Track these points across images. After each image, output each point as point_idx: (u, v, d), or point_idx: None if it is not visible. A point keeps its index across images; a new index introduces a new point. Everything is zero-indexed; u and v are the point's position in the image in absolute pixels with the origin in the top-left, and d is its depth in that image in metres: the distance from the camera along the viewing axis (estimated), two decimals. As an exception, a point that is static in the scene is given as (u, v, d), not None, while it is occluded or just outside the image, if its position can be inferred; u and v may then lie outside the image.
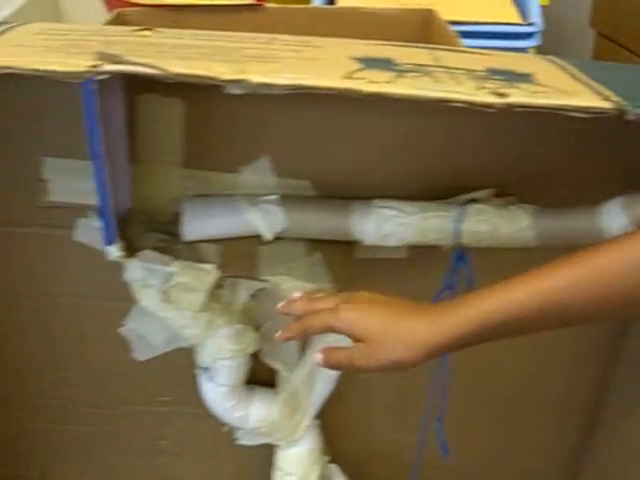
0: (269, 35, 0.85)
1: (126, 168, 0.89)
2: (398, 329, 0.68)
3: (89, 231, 0.96)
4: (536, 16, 1.60)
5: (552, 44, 1.69)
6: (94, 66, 0.65)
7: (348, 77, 0.69)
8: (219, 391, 0.99)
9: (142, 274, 0.87)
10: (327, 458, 1.11)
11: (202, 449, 1.17)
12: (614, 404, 1.12)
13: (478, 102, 0.66)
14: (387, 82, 0.69)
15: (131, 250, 0.87)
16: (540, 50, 1.61)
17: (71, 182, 0.93)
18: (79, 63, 0.65)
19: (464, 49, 1.01)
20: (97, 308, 1.03)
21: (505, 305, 0.65)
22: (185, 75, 0.65)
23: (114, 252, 0.82)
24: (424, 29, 1.43)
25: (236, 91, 0.66)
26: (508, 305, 0.65)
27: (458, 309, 0.67)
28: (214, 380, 0.98)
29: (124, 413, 1.13)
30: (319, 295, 0.77)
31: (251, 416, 1.02)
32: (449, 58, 0.83)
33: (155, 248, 0.90)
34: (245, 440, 1.10)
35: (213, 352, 0.96)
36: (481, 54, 0.88)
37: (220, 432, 1.12)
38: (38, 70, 0.65)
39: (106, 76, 0.65)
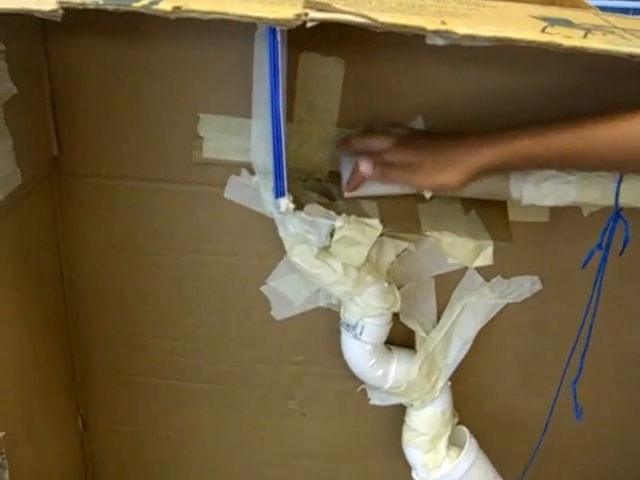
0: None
1: (285, 126, 0.91)
2: (447, 152, 0.81)
3: (240, 189, 0.98)
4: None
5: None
6: (303, 14, 0.66)
7: (543, 32, 0.70)
8: (363, 349, 1.01)
9: (304, 229, 0.89)
10: (456, 419, 1.12)
11: (329, 410, 1.19)
12: None
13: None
14: (581, 38, 0.69)
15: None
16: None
17: (226, 139, 0.95)
18: (287, 11, 0.67)
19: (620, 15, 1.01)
20: (239, 267, 1.05)
21: (533, 144, 0.77)
22: (393, 25, 0.66)
23: (284, 204, 0.84)
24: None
25: (439, 42, 0.67)
26: (536, 144, 0.77)
27: (493, 140, 0.78)
28: (359, 338, 1.00)
29: (257, 372, 1.15)
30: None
31: (390, 375, 1.04)
32: (617, 21, 0.83)
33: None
34: (377, 400, 1.12)
35: (361, 309, 0.97)
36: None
37: (347, 394, 1.14)
38: (247, 16, 0.66)
39: (314, 23, 0.66)
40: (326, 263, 0.94)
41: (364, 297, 0.97)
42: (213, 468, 1.28)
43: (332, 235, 0.89)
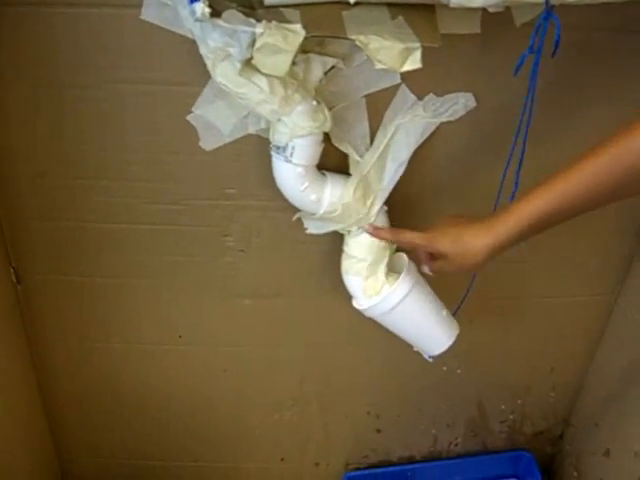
0: None
1: None
2: (465, 246, 0.92)
3: (158, 9, 0.93)
4: None
5: None
6: None
7: None
8: (295, 172, 0.98)
9: (224, 41, 0.85)
10: (395, 246, 1.11)
11: (266, 246, 1.17)
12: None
13: None
14: None
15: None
16: None
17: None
18: None
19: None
20: (163, 95, 1.01)
21: (537, 211, 0.86)
22: None
23: (200, 9, 0.79)
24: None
25: None
26: (540, 210, 0.86)
27: (504, 219, 0.89)
28: (290, 160, 0.97)
29: (190, 209, 1.12)
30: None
31: (325, 200, 1.02)
32: None
33: (235, 14, 0.87)
34: (314, 229, 1.10)
35: (290, 130, 0.95)
36: None
37: (284, 227, 1.12)
38: None
39: None
40: (251, 81, 0.90)
41: (292, 117, 0.94)
42: (150, 310, 1.27)
43: (253, 45, 0.85)
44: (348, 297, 1.13)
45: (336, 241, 1.11)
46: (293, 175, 0.99)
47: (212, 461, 1.57)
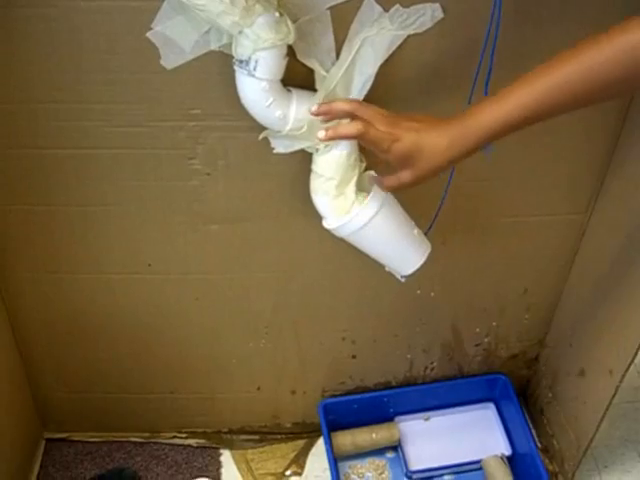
0: None
1: None
2: (427, 151, 0.90)
3: None
4: None
5: None
6: None
7: None
8: (259, 86, 0.96)
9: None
10: (363, 165, 1.09)
11: (233, 168, 1.15)
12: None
13: None
14: None
15: None
16: None
17: None
18: None
19: None
20: (122, 10, 0.97)
21: (503, 114, 0.85)
22: None
23: None
24: None
25: None
26: (506, 114, 0.84)
27: (469, 122, 0.87)
28: (253, 74, 0.95)
29: (155, 131, 1.10)
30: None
31: (290, 116, 1.00)
32: None
33: None
34: (281, 148, 1.08)
35: (252, 42, 0.92)
36: None
37: (250, 148, 1.10)
38: None
39: None
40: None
41: (254, 28, 0.91)
42: (117, 239, 1.25)
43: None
44: (319, 219, 1.11)
45: (305, 160, 1.09)
46: (257, 90, 0.96)
47: (189, 392, 1.57)
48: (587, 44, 0.80)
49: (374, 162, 1.08)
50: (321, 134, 0.93)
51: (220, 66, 1.01)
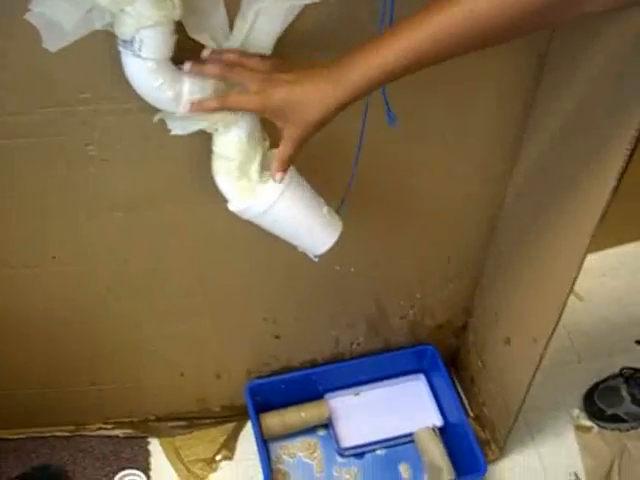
0: None
1: None
2: (300, 104, 0.86)
3: None
4: None
5: None
6: None
7: None
8: (145, 67, 0.91)
9: None
10: (267, 143, 1.05)
11: (131, 152, 1.10)
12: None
13: None
14: None
15: None
16: None
17: None
18: None
19: None
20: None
21: (383, 63, 0.79)
22: None
23: None
24: None
25: None
26: (385, 62, 0.79)
27: (351, 69, 0.82)
28: (139, 54, 0.89)
29: (47, 118, 1.04)
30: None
31: (184, 95, 0.95)
32: None
33: None
34: (179, 129, 1.03)
35: (134, 20, 0.86)
36: None
37: (147, 131, 1.05)
38: None
39: None
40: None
41: (136, 6, 0.86)
42: (19, 232, 1.20)
43: None
44: (225, 201, 1.06)
45: (205, 141, 1.04)
46: (144, 71, 0.91)
47: (111, 382, 1.54)
48: None
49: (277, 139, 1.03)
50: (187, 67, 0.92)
51: (106, 46, 0.95)
